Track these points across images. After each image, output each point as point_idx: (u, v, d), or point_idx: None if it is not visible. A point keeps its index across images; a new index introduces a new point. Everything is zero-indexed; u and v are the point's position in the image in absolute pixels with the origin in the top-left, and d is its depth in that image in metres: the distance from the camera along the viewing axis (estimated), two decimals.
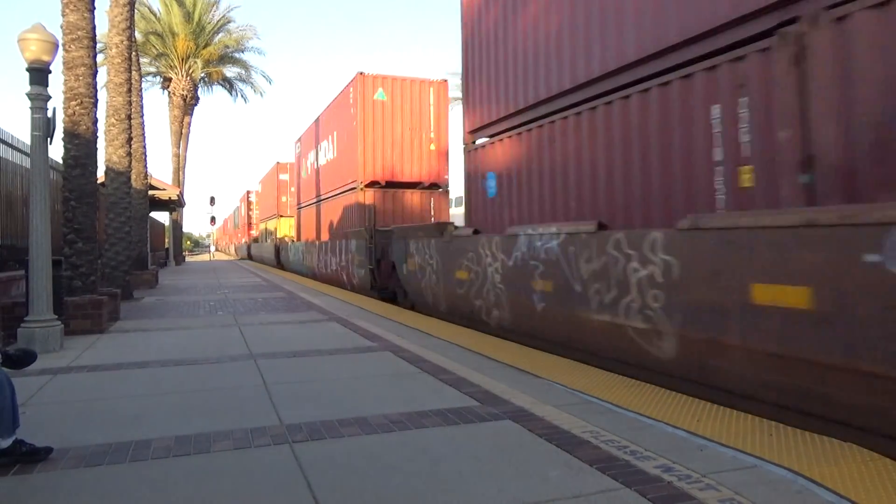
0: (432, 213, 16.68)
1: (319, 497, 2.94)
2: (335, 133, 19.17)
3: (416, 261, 10.59)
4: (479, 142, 9.69)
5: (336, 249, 17.28)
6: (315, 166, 22.69)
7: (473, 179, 9.68)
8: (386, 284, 13.06)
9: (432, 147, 16.78)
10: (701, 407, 4.35)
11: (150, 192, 20.96)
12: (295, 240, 27.41)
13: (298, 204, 26.54)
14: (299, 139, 26.33)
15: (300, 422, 4.11)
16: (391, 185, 16.48)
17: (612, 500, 2.86)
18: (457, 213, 17.25)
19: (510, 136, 8.50)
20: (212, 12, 34.98)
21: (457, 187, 24.16)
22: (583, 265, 6.14)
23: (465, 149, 10.04)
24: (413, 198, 16.67)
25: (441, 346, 7.04)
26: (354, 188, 16.56)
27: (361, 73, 16.44)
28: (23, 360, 3.71)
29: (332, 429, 3.96)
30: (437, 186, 16.84)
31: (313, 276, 20.73)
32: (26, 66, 6.79)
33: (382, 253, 13.06)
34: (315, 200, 22.66)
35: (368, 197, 16.23)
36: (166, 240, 35.18)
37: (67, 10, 8.79)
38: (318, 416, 4.25)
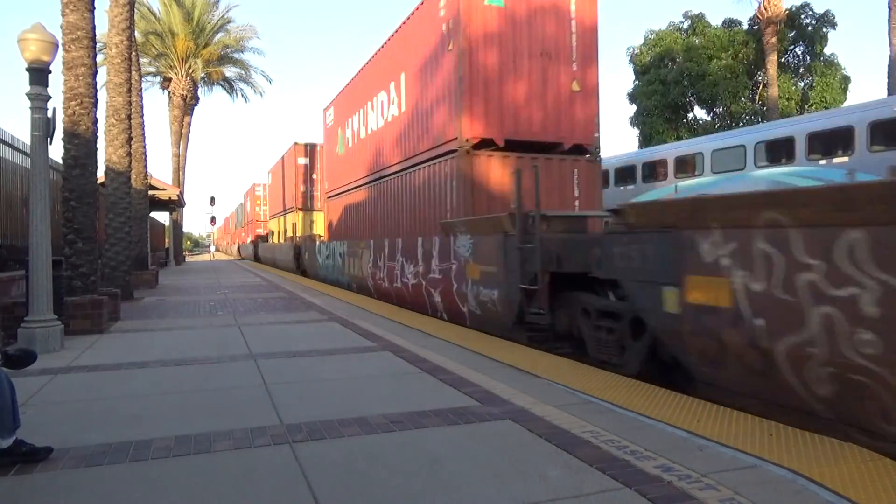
0: (576, 193, 10.57)
1: (319, 497, 2.94)
2: (403, 76, 13.02)
3: (759, 288, 4.29)
4: None
5: (416, 252, 10.94)
6: (362, 134, 16.30)
7: None
8: (545, 317, 7.19)
9: (576, 87, 10.65)
10: (701, 407, 4.35)
11: (150, 192, 20.97)
12: (325, 238, 21.53)
13: (330, 192, 20.70)
14: (331, 104, 20.03)
15: (300, 422, 4.12)
16: (513, 146, 10.27)
17: (612, 500, 2.86)
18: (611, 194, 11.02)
19: None
20: (211, 12, 35.02)
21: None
22: None
23: None
24: (548, 168, 10.20)
25: (441, 346, 7.04)
26: (452, 153, 10.34)
27: None
28: (23, 360, 3.72)
29: (332, 429, 3.97)
30: (581, 151, 10.65)
31: (362, 289, 14.70)
32: (26, 66, 6.80)
33: (558, 261, 6.95)
34: (363, 182, 16.07)
35: (480, 165, 10.02)
36: (166, 240, 35.21)
37: (67, 10, 8.79)
38: (318, 415, 4.25)
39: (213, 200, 45.23)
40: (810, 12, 27.57)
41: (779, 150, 13.92)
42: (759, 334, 4.29)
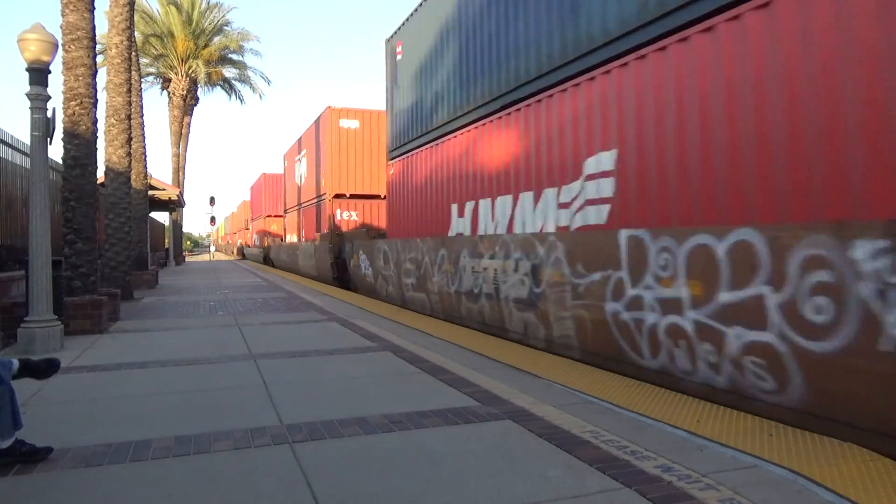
0: None
1: (319, 497, 2.94)
2: None
3: None
4: None
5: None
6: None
7: None
8: None
9: None
10: (701, 407, 4.35)
11: (150, 193, 20.95)
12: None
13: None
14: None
15: (300, 422, 4.12)
16: None
17: (612, 500, 2.86)
18: None
19: None
20: (212, 14, 34.99)
21: None
22: None
23: None
24: None
25: (441, 346, 7.04)
26: None
27: None
28: (47, 369, 3.71)
29: (332, 429, 3.96)
30: None
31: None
32: (26, 66, 6.79)
33: None
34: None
35: None
36: (166, 240, 35.13)
37: (67, 11, 8.78)
38: (318, 415, 4.25)
39: (212, 200, 45.23)
40: None
41: None
42: None
